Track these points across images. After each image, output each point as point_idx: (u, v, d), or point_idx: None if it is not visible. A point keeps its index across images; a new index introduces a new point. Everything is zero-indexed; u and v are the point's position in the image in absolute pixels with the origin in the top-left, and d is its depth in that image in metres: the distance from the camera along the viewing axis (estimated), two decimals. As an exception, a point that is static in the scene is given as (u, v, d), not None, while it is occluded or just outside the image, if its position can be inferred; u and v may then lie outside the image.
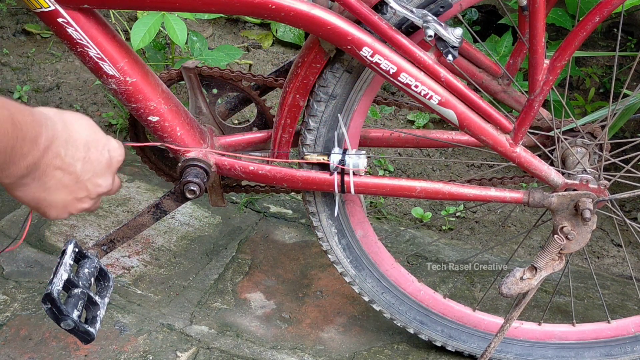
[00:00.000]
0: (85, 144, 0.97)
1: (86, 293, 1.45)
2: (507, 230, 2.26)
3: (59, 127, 0.93)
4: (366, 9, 1.35)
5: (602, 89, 2.68)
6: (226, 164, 1.55)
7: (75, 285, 1.44)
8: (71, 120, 0.97)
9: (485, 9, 2.84)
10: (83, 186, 0.98)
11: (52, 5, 1.33)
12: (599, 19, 1.33)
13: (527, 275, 1.50)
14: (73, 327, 1.40)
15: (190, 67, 1.60)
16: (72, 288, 1.44)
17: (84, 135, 0.97)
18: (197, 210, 2.15)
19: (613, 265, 2.16)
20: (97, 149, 0.98)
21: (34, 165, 0.91)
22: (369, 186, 1.51)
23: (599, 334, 1.72)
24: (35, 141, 0.89)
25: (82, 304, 1.43)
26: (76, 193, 0.97)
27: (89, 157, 0.97)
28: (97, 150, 0.98)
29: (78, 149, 0.95)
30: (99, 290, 1.52)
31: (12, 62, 2.75)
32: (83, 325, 1.41)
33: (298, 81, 1.47)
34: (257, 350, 1.78)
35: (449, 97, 1.41)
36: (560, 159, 1.55)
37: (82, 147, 0.96)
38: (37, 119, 0.90)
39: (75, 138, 0.95)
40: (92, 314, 1.47)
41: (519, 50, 1.67)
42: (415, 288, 1.71)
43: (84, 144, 0.96)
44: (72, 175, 0.95)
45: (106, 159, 1.00)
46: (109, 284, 1.53)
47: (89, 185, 0.98)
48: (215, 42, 2.87)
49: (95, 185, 0.99)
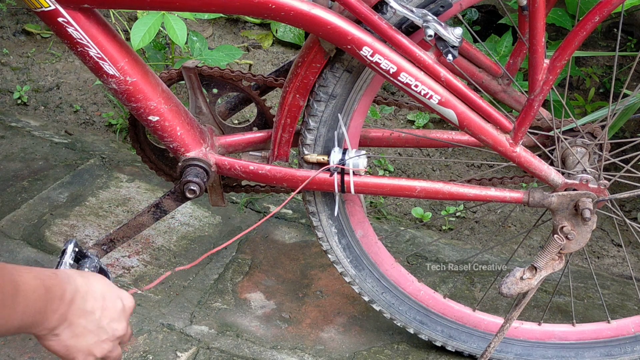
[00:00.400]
0: (101, 294, 1.14)
1: (86, 293, 1.45)
2: (507, 230, 2.26)
3: (79, 282, 1.12)
4: (366, 9, 1.35)
5: (602, 89, 2.68)
6: (226, 163, 1.55)
7: (75, 285, 1.44)
8: (87, 275, 1.15)
9: (485, 9, 2.84)
10: (103, 330, 1.15)
11: (52, 4, 1.33)
12: (599, 18, 1.33)
13: (527, 275, 1.50)
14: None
15: (190, 67, 1.60)
16: (72, 288, 1.44)
17: (99, 287, 1.15)
18: (197, 210, 2.15)
19: (613, 265, 2.16)
20: (112, 298, 1.16)
21: (62, 317, 1.09)
22: (369, 186, 1.51)
23: (599, 334, 1.72)
24: (62, 298, 1.08)
25: (82, 304, 1.43)
26: (99, 336, 1.14)
27: (106, 305, 1.15)
28: (111, 299, 1.16)
29: (96, 299, 1.13)
30: (99, 290, 1.53)
31: (12, 62, 2.75)
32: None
33: (298, 81, 1.47)
34: (257, 350, 1.78)
35: (449, 97, 1.41)
36: (560, 159, 1.55)
37: (99, 297, 1.14)
38: (61, 279, 1.09)
39: (93, 290, 1.13)
40: (92, 313, 1.47)
41: (519, 50, 1.67)
42: (415, 288, 1.71)
43: (100, 295, 1.14)
44: (94, 322, 1.13)
45: (120, 306, 1.17)
46: (109, 283, 1.53)
47: (108, 329, 1.15)
48: (215, 42, 2.88)
49: (113, 329, 1.16)
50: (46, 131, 2.42)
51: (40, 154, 2.32)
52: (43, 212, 2.10)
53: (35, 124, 2.45)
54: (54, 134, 2.41)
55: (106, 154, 2.33)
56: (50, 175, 2.24)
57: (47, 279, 1.06)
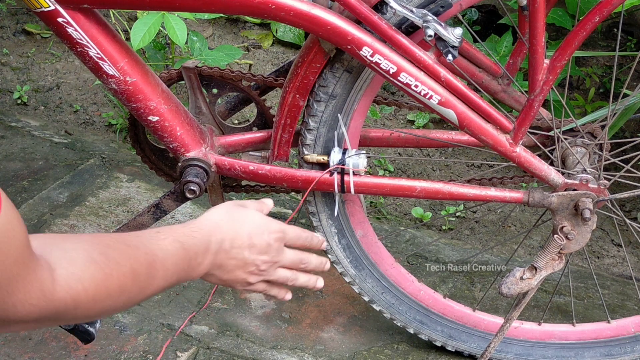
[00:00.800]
0: (248, 235, 1.23)
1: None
2: (507, 230, 2.26)
3: (225, 229, 1.21)
4: (366, 9, 1.35)
5: (602, 89, 2.68)
6: (226, 163, 1.55)
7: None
8: (236, 217, 1.24)
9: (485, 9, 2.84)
10: (252, 264, 1.25)
11: (52, 5, 1.33)
12: (599, 18, 1.33)
13: (527, 275, 1.50)
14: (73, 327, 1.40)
15: (190, 67, 1.60)
16: (72, 288, 1.44)
17: (246, 228, 1.23)
18: (197, 210, 2.15)
19: (613, 265, 2.16)
20: (259, 235, 1.24)
21: (211, 264, 1.20)
22: (369, 186, 1.51)
23: (599, 334, 1.72)
24: (207, 250, 1.18)
25: (82, 304, 1.44)
26: (250, 269, 1.25)
27: (253, 243, 1.24)
28: (258, 236, 1.24)
29: (243, 240, 1.23)
30: (99, 290, 1.52)
31: (12, 62, 2.76)
32: (83, 325, 1.41)
33: (298, 81, 1.47)
34: (257, 350, 1.78)
35: (449, 97, 1.41)
36: (560, 159, 1.55)
37: (246, 237, 1.23)
38: (203, 234, 1.18)
39: (240, 233, 1.22)
40: (92, 313, 1.47)
41: (519, 50, 1.67)
42: (415, 288, 1.71)
43: (247, 235, 1.23)
44: (242, 260, 1.23)
45: (266, 241, 1.25)
46: (109, 283, 1.53)
47: (258, 262, 1.25)
48: (215, 42, 2.88)
49: (262, 262, 1.26)
50: (46, 131, 2.42)
51: (40, 154, 2.32)
52: (43, 212, 2.10)
53: (35, 124, 2.45)
54: (54, 134, 2.41)
55: (106, 154, 2.33)
56: (50, 175, 2.24)
57: (188, 239, 1.14)
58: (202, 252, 1.17)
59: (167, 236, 1.14)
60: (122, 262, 1.03)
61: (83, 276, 0.96)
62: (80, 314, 0.99)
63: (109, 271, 1.00)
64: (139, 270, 1.06)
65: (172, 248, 1.12)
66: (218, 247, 1.20)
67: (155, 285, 1.10)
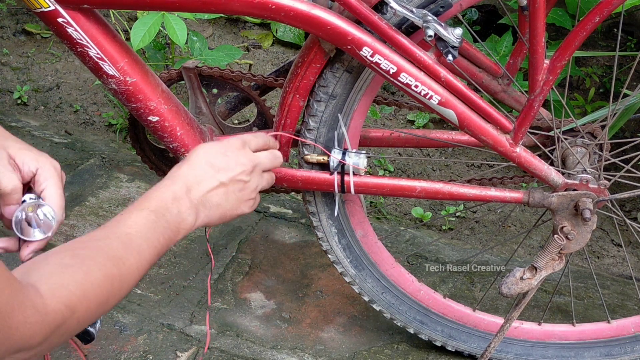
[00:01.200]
0: (206, 162, 1.22)
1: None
2: (507, 230, 2.26)
3: (183, 171, 1.20)
4: (366, 9, 1.35)
5: (602, 89, 2.68)
6: (226, 163, 1.55)
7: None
8: (192, 155, 1.23)
9: (485, 9, 2.84)
10: (233, 182, 1.23)
11: (52, 5, 1.33)
12: (599, 18, 1.33)
13: (527, 275, 1.50)
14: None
15: (190, 67, 1.60)
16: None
17: (202, 159, 1.23)
18: (197, 210, 2.15)
19: (613, 265, 2.16)
20: (218, 156, 1.23)
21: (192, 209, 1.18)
22: (369, 186, 1.51)
23: (599, 334, 1.72)
24: (175, 199, 1.16)
25: (82, 304, 1.43)
26: (234, 187, 1.23)
27: (216, 166, 1.22)
28: (218, 157, 1.23)
29: (205, 171, 1.21)
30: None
31: (12, 62, 2.76)
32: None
33: (298, 81, 1.47)
34: (257, 350, 1.78)
35: (449, 97, 1.41)
36: (560, 159, 1.55)
37: (206, 166, 1.22)
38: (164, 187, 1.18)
39: (197, 166, 1.21)
40: (92, 313, 1.46)
41: (519, 50, 1.67)
42: (415, 288, 1.71)
43: (206, 163, 1.22)
44: (222, 186, 1.22)
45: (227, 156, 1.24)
46: (109, 283, 1.53)
47: (236, 178, 1.23)
48: (215, 42, 2.88)
49: (239, 173, 1.24)
50: (46, 131, 2.42)
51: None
52: (43, 212, 2.10)
53: (35, 124, 2.45)
54: (54, 134, 2.41)
55: (106, 154, 2.33)
56: (50, 175, 2.24)
57: (150, 201, 1.14)
58: (171, 203, 1.16)
59: (131, 211, 1.14)
60: (95, 255, 1.06)
61: (64, 282, 1.01)
62: (81, 316, 1.02)
63: (86, 268, 1.03)
64: (117, 254, 1.07)
65: (141, 217, 1.12)
66: (185, 189, 1.19)
67: (145, 259, 1.10)
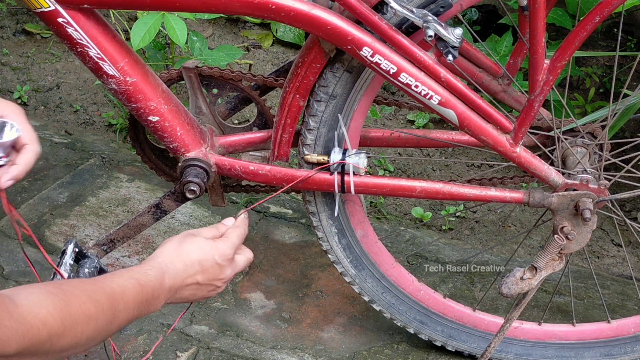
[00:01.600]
0: (199, 262, 1.30)
1: (86, 293, 1.45)
2: (507, 230, 2.26)
3: (176, 263, 1.28)
4: (366, 9, 1.35)
5: (602, 89, 2.68)
6: (226, 163, 1.55)
7: (76, 285, 1.44)
8: (187, 249, 1.30)
9: (485, 9, 2.84)
10: (206, 285, 1.32)
11: (52, 5, 1.33)
12: (599, 18, 1.33)
13: (527, 275, 1.50)
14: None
15: (190, 67, 1.60)
16: (72, 288, 1.44)
17: (195, 256, 1.30)
18: (197, 210, 2.15)
19: (613, 265, 2.16)
20: (208, 260, 1.31)
21: (168, 295, 1.26)
22: (369, 186, 1.51)
23: (599, 334, 1.72)
24: (161, 286, 1.24)
25: (82, 304, 1.43)
26: (206, 288, 1.33)
27: (204, 269, 1.31)
28: (208, 262, 1.31)
29: (195, 268, 1.30)
30: (99, 290, 1.52)
31: (12, 62, 2.75)
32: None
33: (298, 81, 1.47)
34: (257, 350, 1.78)
35: (449, 97, 1.41)
36: (561, 159, 1.55)
37: (197, 265, 1.30)
38: (158, 270, 1.25)
39: (190, 263, 1.29)
40: (92, 313, 1.47)
41: (519, 50, 1.67)
42: (415, 288, 1.71)
43: (198, 262, 1.30)
44: (196, 285, 1.31)
45: (216, 263, 1.32)
46: (109, 283, 1.53)
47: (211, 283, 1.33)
48: (215, 42, 2.88)
49: (215, 281, 1.33)
50: (46, 131, 2.42)
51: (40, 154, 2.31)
52: (43, 212, 2.10)
53: (35, 124, 2.45)
54: (54, 134, 2.41)
55: (106, 154, 2.33)
56: (50, 175, 2.24)
57: (142, 276, 1.21)
58: (157, 287, 1.24)
59: (122, 274, 1.20)
60: (78, 292, 1.10)
61: (43, 303, 1.04)
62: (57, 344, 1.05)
63: (67, 299, 1.07)
64: (99, 300, 1.12)
65: (129, 284, 1.19)
66: (172, 281, 1.27)
67: (121, 318, 1.16)
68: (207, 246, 1.32)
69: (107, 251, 1.63)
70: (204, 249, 1.32)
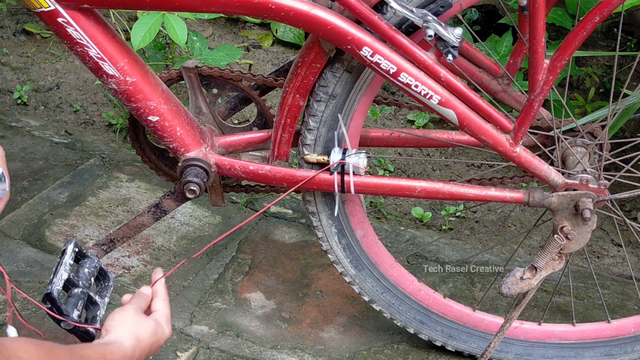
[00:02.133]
0: (149, 344, 1.38)
1: (86, 293, 1.45)
2: (507, 230, 2.26)
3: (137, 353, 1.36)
4: (366, 9, 1.35)
5: (602, 89, 2.68)
6: (226, 163, 1.55)
7: (75, 285, 1.44)
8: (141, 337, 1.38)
9: (485, 9, 2.84)
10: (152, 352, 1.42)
11: (52, 5, 1.33)
12: (599, 18, 1.33)
13: (527, 275, 1.50)
14: (73, 327, 1.40)
15: (190, 67, 1.60)
16: (72, 288, 1.44)
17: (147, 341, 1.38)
18: (197, 210, 2.15)
19: (613, 265, 2.16)
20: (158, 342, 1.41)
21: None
22: (369, 186, 1.51)
23: (599, 334, 1.72)
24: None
25: (82, 304, 1.43)
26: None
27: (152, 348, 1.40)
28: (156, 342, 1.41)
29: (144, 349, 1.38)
30: (99, 290, 1.52)
31: (12, 62, 2.75)
32: (83, 325, 1.41)
33: (298, 81, 1.47)
34: (257, 350, 1.78)
35: (449, 97, 1.41)
36: (560, 159, 1.55)
37: (147, 347, 1.38)
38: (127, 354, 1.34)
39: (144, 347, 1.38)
40: (92, 313, 1.47)
41: (519, 50, 1.67)
42: (415, 288, 1.71)
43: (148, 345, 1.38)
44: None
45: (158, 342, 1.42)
46: (109, 283, 1.53)
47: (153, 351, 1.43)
48: (215, 42, 2.88)
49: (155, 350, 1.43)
50: (46, 131, 2.42)
51: (40, 154, 2.32)
52: (43, 212, 2.10)
53: (35, 124, 2.45)
54: (54, 134, 2.41)
55: (106, 154, 2.33)
56: (50, 175, 2.24)
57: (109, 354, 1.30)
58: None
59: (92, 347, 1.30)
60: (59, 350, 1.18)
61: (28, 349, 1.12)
62: None
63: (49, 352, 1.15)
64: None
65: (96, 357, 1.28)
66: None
67: None
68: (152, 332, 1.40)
69: (107, 251, 1.63)
70: (156, 334, 1.40)
